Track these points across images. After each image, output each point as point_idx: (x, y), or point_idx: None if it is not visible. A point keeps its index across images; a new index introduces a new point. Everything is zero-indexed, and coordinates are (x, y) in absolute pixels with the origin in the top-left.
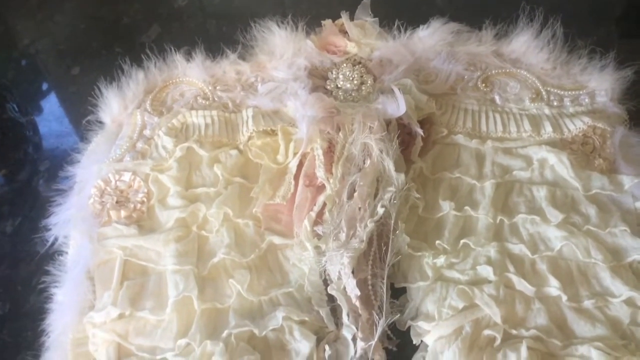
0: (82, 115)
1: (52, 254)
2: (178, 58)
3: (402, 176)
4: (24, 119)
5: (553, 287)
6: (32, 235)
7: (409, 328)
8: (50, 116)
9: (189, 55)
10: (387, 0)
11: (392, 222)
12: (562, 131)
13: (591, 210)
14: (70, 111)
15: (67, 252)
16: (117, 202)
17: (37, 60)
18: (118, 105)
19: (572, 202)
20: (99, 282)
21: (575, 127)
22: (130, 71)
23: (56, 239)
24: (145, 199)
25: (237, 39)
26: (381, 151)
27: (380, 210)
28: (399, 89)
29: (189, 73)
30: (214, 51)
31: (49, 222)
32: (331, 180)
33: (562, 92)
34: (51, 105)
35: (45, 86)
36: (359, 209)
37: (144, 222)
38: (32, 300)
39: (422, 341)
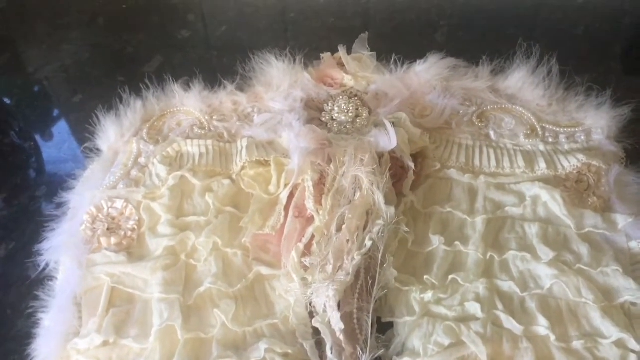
0: (81, 142)
1: (43, 279)
2: (176, 88)
3: (391, 209)
4: (25, 145)
5: (542, 327)
6: (25, 260)
7: None
8: (51, 142)
9: (187, 86)
10: (388, 35)
11: (380, 255)
12: (556, 168)
13: (583, 249)
14: (70, 138)
15: (57, 278)
16: (108, 228)
17: (42, 87)
18: (115, 133)
19: (564, 240)
20: (85, 309)
21: (570, 164)
22: (129, 100)
23: (47, 264)
24: (136, 227)
25: (237, 70)
26: (371, 184)
27: (368, 243)
28: (391, 123)
29: (187, 103)
30: (214, 82)
31: (41, 247)
32: (320, 212)
33: (558, 129)
34: (52, 131)
35: (48, 113)
36: (347, 241)
37: (133, 250)
38: (20, 325)
39: None
